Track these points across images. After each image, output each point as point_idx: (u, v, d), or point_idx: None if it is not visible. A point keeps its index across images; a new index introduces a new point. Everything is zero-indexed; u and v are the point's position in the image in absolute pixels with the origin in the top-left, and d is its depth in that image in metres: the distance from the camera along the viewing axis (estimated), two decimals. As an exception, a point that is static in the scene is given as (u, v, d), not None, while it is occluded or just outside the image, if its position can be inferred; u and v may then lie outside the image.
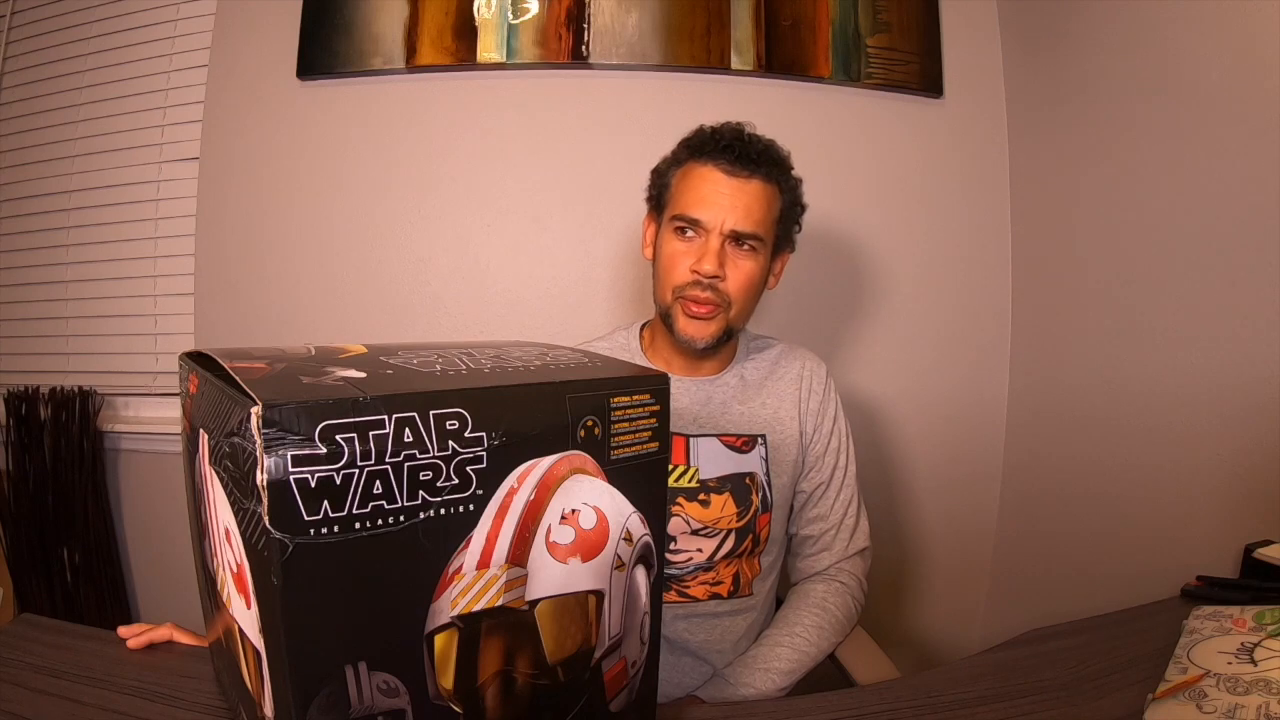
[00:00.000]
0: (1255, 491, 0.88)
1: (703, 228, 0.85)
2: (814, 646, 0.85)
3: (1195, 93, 0.99)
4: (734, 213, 0.84)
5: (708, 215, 0.84)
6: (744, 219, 0.84)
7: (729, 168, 0.85)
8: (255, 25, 1.42)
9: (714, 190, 0.85)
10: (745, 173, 0.85)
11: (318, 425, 0.33)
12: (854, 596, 0.92)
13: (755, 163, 0.85)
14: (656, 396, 0.48)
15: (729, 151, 0.85)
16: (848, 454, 0.97)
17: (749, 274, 0.86)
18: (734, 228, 0.84)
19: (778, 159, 0.88)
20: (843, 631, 0.89)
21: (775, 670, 0.82)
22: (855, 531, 0.96)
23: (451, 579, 0.39)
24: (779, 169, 0.88)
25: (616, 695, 0.49)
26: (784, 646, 0.85)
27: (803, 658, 0.84)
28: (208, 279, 1.45)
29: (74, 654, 0.62)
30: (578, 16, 1.36)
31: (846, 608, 0.90)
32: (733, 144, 0.85)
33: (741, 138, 0.86)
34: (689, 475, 0.88)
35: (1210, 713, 0.51)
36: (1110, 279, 1.15)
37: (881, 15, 1.38)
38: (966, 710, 0.58)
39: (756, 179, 0.85)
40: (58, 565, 1.44)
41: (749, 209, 0.84)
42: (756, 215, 0.85)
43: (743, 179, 0.85)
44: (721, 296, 0.86)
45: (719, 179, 0.85)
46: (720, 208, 0.84)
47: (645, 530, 0.48)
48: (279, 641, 0.34)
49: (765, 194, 0.86)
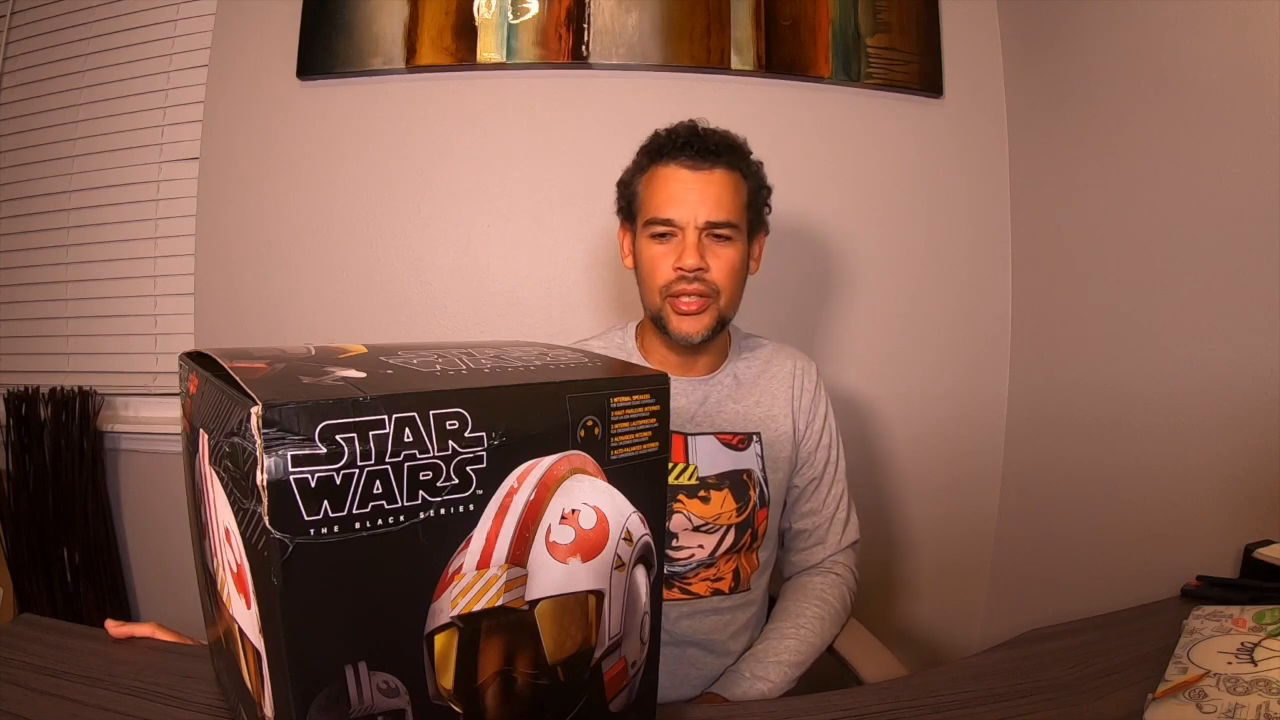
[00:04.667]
0: (1255, 491, 0.88)
1: (677, 226, 0.87)
2: (818, 637, 0.88)
3: (1195, 93, 0.99)
4: (705, 205, 0.86)
5: (680, 213, 0.86)
6: (716, 209, 0.86)
7: (691, 163, 0.87)
8: (255, 25, 1.42)
9: (681, 188, 0.87)
10: (707, 165, 0.86)
11: (318, 425, 0.33)
12: (849, 587, 0.96)
13: (715, 153, 0.87)
14: (656, 396, 0.48)
15: (688, 148, 0.87)
16: (838, 450, 1.00)
17: (731, 261, 0.88)
18: (708, 219, 0.86)
19: (735, 146, 0.90)
20: (841, 622, 0.93)
21: (786, 663, 0.85)
22: (847, 525, 0.99)
23: (451, 579, 0.39)
24: (738, 155, 0.90)
25: (616, 695, 0.49)
26: (791, 639, 0.87)
27: (809, 649, 0.87)
28: (208, 279, 1.45)
29: (74, 654, 0.63)
30: (578, 16, 1.36)
31: (843, 598, 0.94)
32: (690, 140, 0.87)
33: (697, 133, 0.88)
34: (689, 473, 0.89)
35: (1210, 713, 0.51)
36: (1110, 279, 1.15)
37: (881, 15, 1.38)
38: (966, 710, 0.58)
39: (719, 169, 0.87)
40: (58, 565, 1.44)
41: (719, 199, 0.86)
42: (727, 203, 0.87)
43: (706, 171, 0.87)
44: (709, 287, 0.87)
45: (684, 176, 0.87)
46: (690, 203, 0.86)
47: (645, 530, 0.48)
48: (279, 641, 0.34)
49: (731, 181, 0.88)
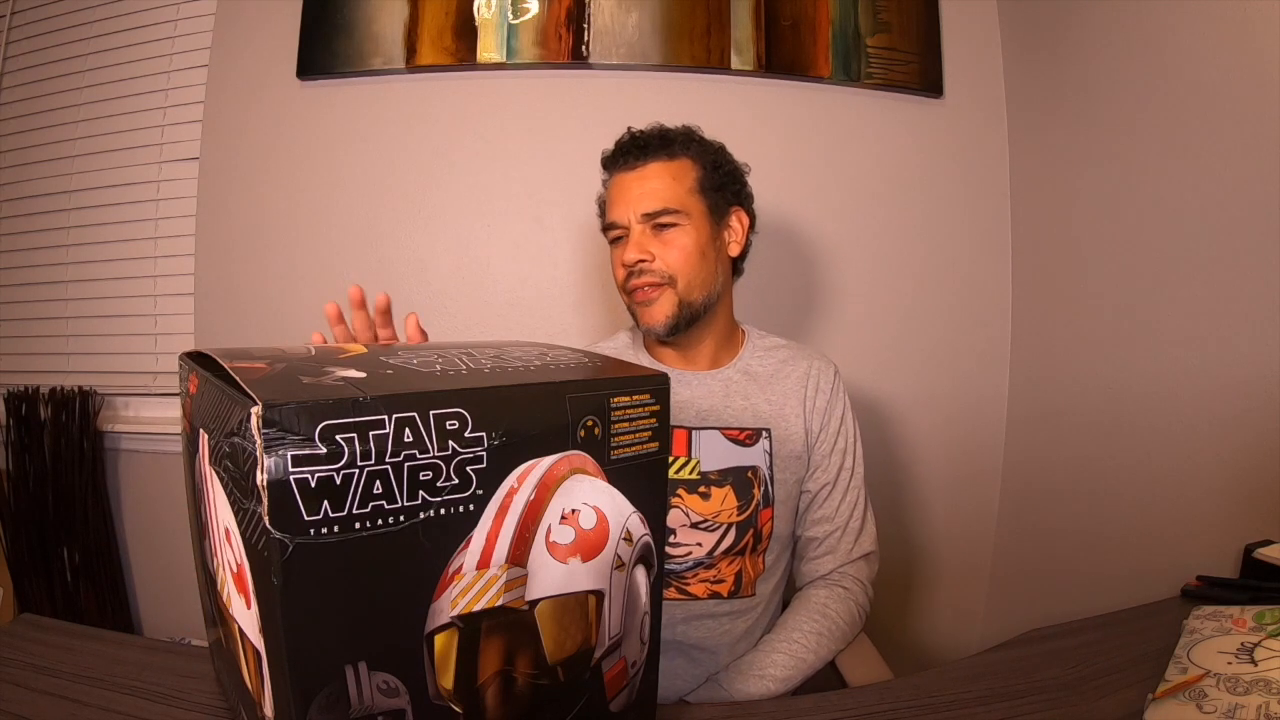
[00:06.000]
0: (1255, 491, 0.88)
1: (622, 226, 0.90)
2: (812, 654, 0.82)
3: (1195, 93, 0.99)
4: (642, 199, 0.89)
5: (619, 213, 0.90)
6: (649, 200, 0.89)
7: (626, 165, 0.91)
8: (255, 25, 1.42)
9: (620, 191, 0.91)
10: (640, 162, 0.90)
11: (318, 425, 0.33)
12: (858, 602, 0.90)
13: (645, 149, 0.90)
14: (656, 396, 0.48)
15: (623, 154, 0.92)
16: (855, 456, 0.95)
17: (682, 247, 0.89)
18: (643, 211, 0.88)
19: (670, 136, 0.92)
20: (845, 639, 0.86)
21: (770, 677, 0.79)
22: (861, 534, 0.93)
23: (451, 579, 0.39)
24: (677, 144, 0.91)
25: (616, 695, 0.49)
26: (780, 653, 0.82)
27: (800, 664, 0.81)
28: (208, 279, 1.45)
29: (74, 654, 0.62)
30: (578, 16, 1.36)
31: (850, 614, 0.88)
32: (623, 146, 0.92)
33: (633, 136, 0.93)
34: (690, 467, 0.87)
35: (1210, 713, 0.51)
36: (1110, 279, 1.15)
37: (881, 15, 1.38)
38: (966, 710, 0.58)
39: (653, 161, 0.90)
40: (58, 565, 1.44)
41: (652, 190, 0.89)
42: (663, 192, 0.89)
43: (639, 168, 0.90)
44: (660, 276, 0.89)
45: (623, 179, 0.91)
46: (628, 200, 0.90)
47: (645, 530, 0.48)
48: (279, 641, 0.34)
49: (668, 170, 0.90)
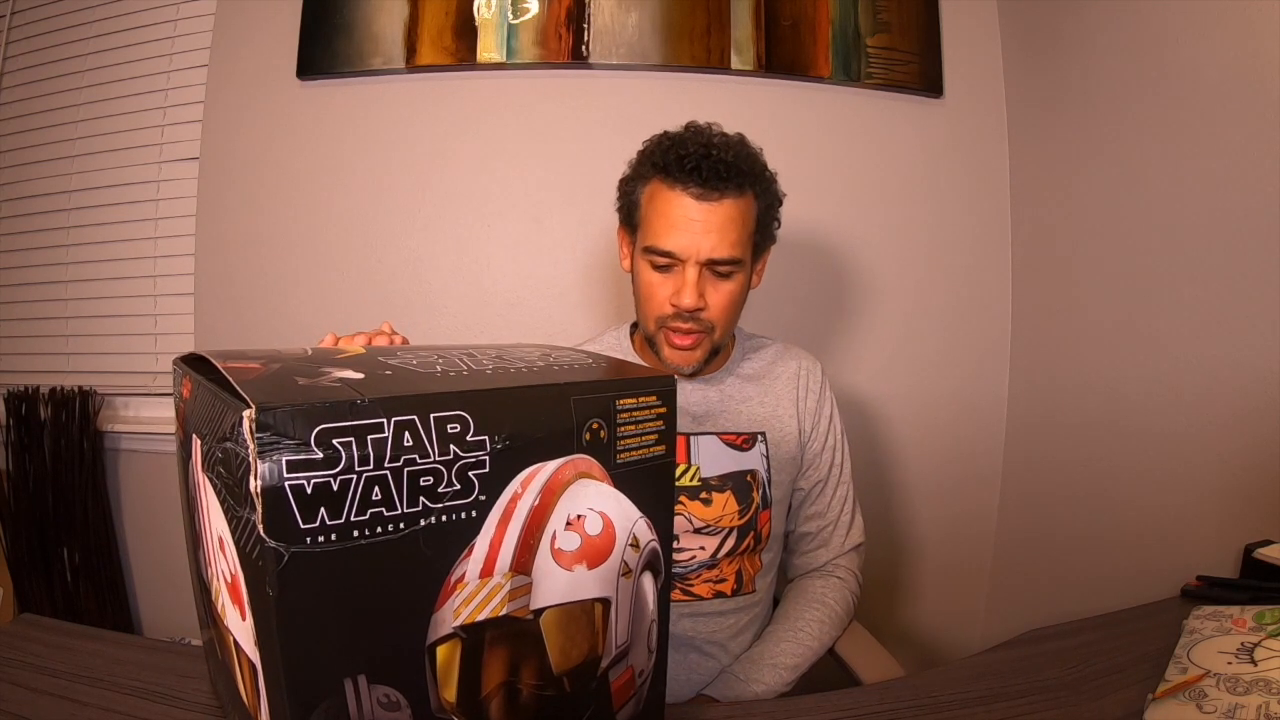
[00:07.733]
0: (1255, 491, 0.88)
1: (678, 259, 0.81)
2: (817, 641, 0.87)
3: (1195, 93, 0.99)
4: (708, 240, 0.79)
5: (681, 246, 0.80)
6: (719, 245, 0.80)
7: (698, 191, 0.79)
8: (255, 25, 1.42)
9: (684, 219, 0.80)
10: (716, 194, 0.79)
11: (314, 429, 0.31)
12: (851, 591, 0.94)
13: (725, 179, 0.79)
14: (663, 398, 0.46)
15: (696, 174, 0.79)
16: (843, 451, 0.99)
17: (730, 295, 0.83)
18: (710, 256, 0.80)
19: (748, 167, 0.82)
20: (842, 625, 0.91)
21: (783, 665, 0.84)
22: (851, 528, 0.98)
23: (454, 588, 0.37)
24: (750, 177, 0.82)
25: (624, 705, 0.48)
26: (789, 642, 0.86)
27: (807, 652, 0.86)
28: (208, 279, 1.45)
29: (74, 654, 0.62)
30: (578, 16, 1.35)
31: (845, 602, 0.93)
32: (699, 164, 0.79)
33: (709, 155, 0.79)
34: (690, 474, 0.88)
35: (1210, 713, 0.51)
36: (1110, 279, 1.15)
37: (881, 15, 1.38)
38: (966, 710, 0.58)
39: (728, 198, 0.80)
40: (58, 565, 1.44)
41: (723, 234, 0.80)
42: (732, 237, 0.80)
43: (714, 202, 0.79)
44: (704, 325, 0.84)
45: (688, 205, 0.80)
46: (693, 235, 0.79)
47: (652, 536, 0.47)
48: (275, 654, 0.32)
49: (739, 210, 0.81)
